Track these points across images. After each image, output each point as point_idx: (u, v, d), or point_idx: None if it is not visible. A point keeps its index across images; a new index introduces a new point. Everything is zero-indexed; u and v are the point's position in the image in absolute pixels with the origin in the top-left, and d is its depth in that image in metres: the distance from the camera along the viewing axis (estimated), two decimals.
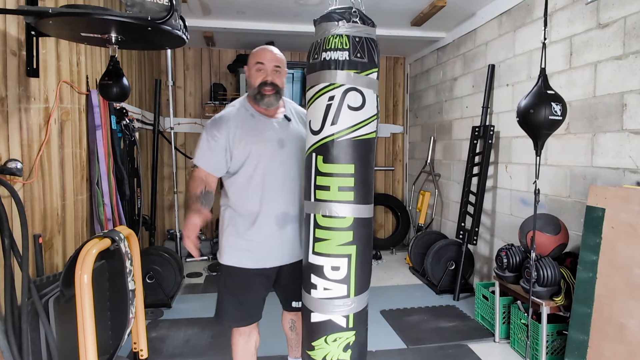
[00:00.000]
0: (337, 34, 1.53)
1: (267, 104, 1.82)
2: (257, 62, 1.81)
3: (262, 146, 1.81)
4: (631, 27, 2.25)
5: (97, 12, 1.53)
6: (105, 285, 1.93)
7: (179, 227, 4.65)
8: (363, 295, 1.61)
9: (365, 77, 1.54)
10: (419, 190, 4.93)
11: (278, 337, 2.79)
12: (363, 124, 1.55)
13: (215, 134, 1.79)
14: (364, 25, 1.55)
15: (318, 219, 1.58)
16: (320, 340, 1.59)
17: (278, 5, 3.57)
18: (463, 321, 3.16)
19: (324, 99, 1.55)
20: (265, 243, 1.86)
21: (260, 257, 1.88)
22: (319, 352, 1.59)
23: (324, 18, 1.58)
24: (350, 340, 1.58)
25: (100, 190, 2.59)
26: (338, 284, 1.56)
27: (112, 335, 1.95)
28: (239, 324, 1.94)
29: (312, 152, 1.60)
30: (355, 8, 1.55)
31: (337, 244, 1.55)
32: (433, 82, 4.76)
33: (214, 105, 4.79)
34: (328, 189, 1.55)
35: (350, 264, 1.56)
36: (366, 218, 1.59)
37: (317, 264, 1.58)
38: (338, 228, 1.55)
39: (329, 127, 1.54)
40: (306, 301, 1.64)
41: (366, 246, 1.60)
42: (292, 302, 2.01)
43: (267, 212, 1.84)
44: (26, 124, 1.88)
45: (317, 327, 1.60)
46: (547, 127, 2.05)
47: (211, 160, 1.81)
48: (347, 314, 1.57)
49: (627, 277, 1.94)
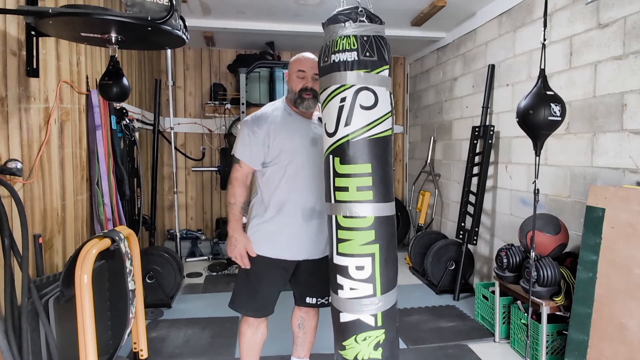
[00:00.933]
0: (344, 35, 1.53)
1: (306, 107, 1.95)
2: (298, 70, 1.94)
3: (297, 142, 1.94)
4: (631, 27, 2.25)
5: (97, 12, 1.53)
6: (105, 285, 1.93)
7: (179, 227, 4.65)
8: (390, 293, 1.61)
9: (376, 75, 1.55)
10: (419, 190, 4.93)
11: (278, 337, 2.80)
12: (377, 123, 1.56)
13: (255, 129, 1.91)
14: (372, 24, 1.55)
15: (339, 220, 1.59)
16: (351, 340, 1.60)
17: (278, 5, 3.57)
18: (463, 321, 3.16)
19: (336, 100, 1.56)
20: (287, 233, 1.95)
21: (281, 246, 1.96)
22: (350, 351, 1.61)
23: (331, 20, 1.58)
24: (380, 338, 1.59)
25: (100, 190, 2.59)
26: (363, 283, 1.57)
27: (112, 335, 1.96)
28: (252, 313, 2.01)
29: (329, 154, 1.61)
30: (362, 7, 1.55)
31: (360, 243, 1.56)
32: (433, 82, 4.76)
33: (214, 105, 4.79)
34: (347, 190, 1.56)
35: (375, 263, 1.57)
36: (387, 216, 1.60)
37: (342, 265, 1.60)
38: (359, 228, 1.56)
39: (343, 128, 1.55)
40: (334, 301, 1.66)
41: (389, 244, 1.60)
42: (306, 298, 2.09)
43: (295, 204, 1.94)
44: (26, 124, 1.88)
45: (347, 327, 1.61)
46: (546, 127, 2.06)
47: (252, 153, 1.92)
48: (375, 313, 1.58)
49: (627, 277, 1.94)
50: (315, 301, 2.09)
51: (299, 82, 1.93)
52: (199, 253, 4.87)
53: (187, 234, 4.88)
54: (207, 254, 4.84)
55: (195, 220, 5.22)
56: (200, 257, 4.81)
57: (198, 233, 4.95)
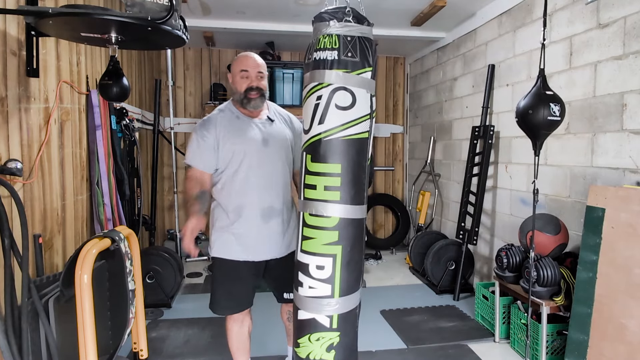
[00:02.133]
0: (327, 34, 1.52)
1: (253, 106, 1.96)
2: (241, 70, 1.96)
3: (247, 145, 1.95)
4: (631, 27, 2.25)
5: (97, 12, 1.53)
6: (105, 285, 1.93)
7: (179, 227, 4.64)
8: (350, 296, 1.59)
9: (357, 76, 1.53)
10: (419, 190, 4.93)
11: (277, 338, 2.80)
12: (352, 124, 1.54)
13: (205, 134, 1.93)
14: (357, 25, 1.55)
15: (306, 218, 1.58)
16: (305, 338, 1.59)
17: (278, 5, 3.57)
18: (463, 321, 3.16)
19: (313, 98, 1.55)
20: (250, 235, 1.98)
21: (247, 248, 1.99)
22: (303, 349, 1.60)
23: (317, 19, 1.58)
24: (334, 341, 1.57)
25: (100, 190, 2.59)
26: (322, 283, 1.56)
27: (112, 335, 1.95)
28: (231, 312, 2.07)
29: (303, 151, 1.61)
30: (349, 7, 1.55)
31: (322, 243, 1.55)
32: (433, 82, 4.76)
33: (214, 105, 4.76)
34: (315, 188, 1.55)
35: (335, 264, 1.55)
36: (355, 219, 1.58)
37: (304, 262, 1.59)
38: (323, 227, 1.54)
39: (317, 126, 1.54)
40: (295, 298, 1.65)
41: (354, 247, 1.58)
42: (283, 294, 2.13)
43: (252, 206, 1.97)
44: (26, 124, 1.88)
45: (303, 325, 1.60)
46: (545, 127, 2.06)
47: (202, 158, 1.95)
48: (331, 314, 1.56)
49: (627, 277, 1.94)
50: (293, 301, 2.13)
51: (244, 82, 1.94)
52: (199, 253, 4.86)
53: None
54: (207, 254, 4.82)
55: None
56: (200, 257, 4.80)
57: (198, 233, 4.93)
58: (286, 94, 4.58)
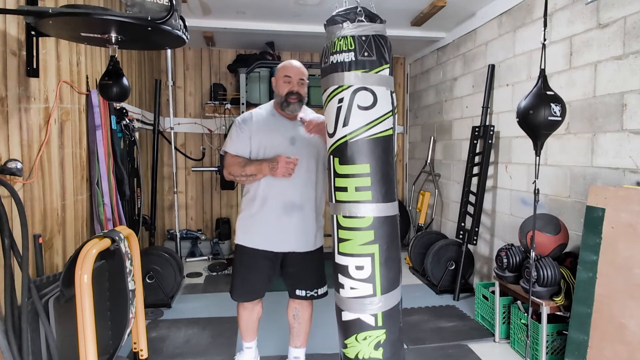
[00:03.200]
0: (342, 36, 1.54)
1: (291, 110, 2.11)
2: (285, 75, 2.10)
3: (276, 140, 2.10)
4: (631, 27, 2.25)
5: (97, 12, 1.53)
6: (105, 285, 1.93)
7: (179, 227, 4.65)
8: (392, 293, 1.61)
9: (375, 74, 1.54)
10: (419, 190, 4.93)
11: (278, 337, 2.80)
12: (376, 122, 1.55)
13: (243, 127, 2.13)
14: (371, 23, 1.55)
15: (339, 220, 1.60)
16: (352, 339, 1.61)
17: (278, 5, 3.57)
18: (463, 321, 3.16)
19: (335, 101, 1.56)
20: (271, 225, 2.11)
21: (266, 238, 2.12)
22: (351, 349, 1.62)
23: (330, 22, 1.59)
24: (380, 338, 1.59)
25: (100, 190, 2.59)
26: (363, 283, 1.58)
27: (112, 335, 1.95)
28: (244, 298, 2.22)
29: (330, 154, 1.63)
30: (361, 7, 1.55)
31: (359, 243, 1.57)
32: (433, 82, 4.76)
33: (214, 105, 4.78)
34: (346, 190, 1.57)
35: (374, 263, 1.57)
36: (388, 216, 1.59)
37: (343, 264, 1.61)
38: (358, 228, 1.56)
39: (341, 128, 1.56)
40: (337, 300, 1.68)
41: (390, 244, 1.60)
42: (296, 290, 2.22)
43: (276, 198, 2.09)
44: (26, 124, 1.88)
45: (348, 326, 1.62)
46: (546, 127, 2.06)
47: (238, 146, 2.12)
48: (376, 313, 1.58)
49: (627, 277, 1.94)
50: (305, 293, 2.21)
51: (286, 86, 2.09)
52: (199, 253, 4.87)
53: (187, 234, 4.88)
54: (207, 254, 4.84)
55: (195, 220, 5.22)
56: (200, 257, 4.81)
57: (198, 233, 4.95)
58: None
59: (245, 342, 2.35)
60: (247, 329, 2.29)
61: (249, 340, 2.33)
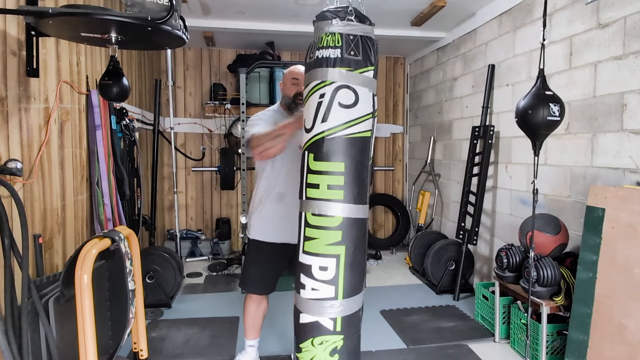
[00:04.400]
0: (330, 32, 1.52)
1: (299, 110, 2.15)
2: (293, 78, 2.21)
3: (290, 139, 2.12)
4: (631, 27, 2.25)
5: (97, 12, 1.53)
6: (105, 285, 1.93)
7: (179, 227, 4.65)
8: (354, 298, 1.57)
9: (359, 74, 1.53)
10: (419, 190, 4.93)
11: (278, 337, 2.80)
12: (355, 122, 1.53)
13: (263, 117, 2.24)
14: (360, 24, 1.54)
15: (308, 218, 1.56)
16: (307, 343, 1.55)
17: (278, 5, 3.57)
18: (463, 321, 3.16)
19: (316, 96, 1.54)
20: (289, 220, 2.12)
21: (284, 232, 2.18)
22: (305, 354, 1.56)
23: (319, 17, 1.57)
24: (337, 344, 1.54)
25: (100, 190, 2.59)
26: (326, 284, 1.53)
27: (112, 335, 1.95)
28: (256, 291, 2.29)
29: (305, 149, 1.59)
30: (352, 7, 1.55)
31: (325, 243, 1.52)
32: (433, 82, 4.76)
33: (214, 105, 4.78)
34: (317, 187, 1.53)
35: (339, 265, 1.52)
36: (358, 218, 1.56)
37: (306, 264, 1.55)
38: (326, 227, 1.52)
39: (320, 124, 1.52)
40: (296, 301, 1.62)
41: (357, 247, 1.56)
42: None
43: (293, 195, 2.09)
44: (26, 124, 1.88)
45: (305, 329, 1.57)
46: (545, 127, 2.06)
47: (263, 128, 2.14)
48: (335, 317, 1.53)
49: (627, 277, 1.94)
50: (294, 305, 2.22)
51: (293, 88, 2.20)
52: (199, 253, 4.87)
53: (187, 234, 4.88)
54: (207, 254, 4.84)
55: (195, 220, 5.22)
56: (200, 257, 4.81)
57: (198, 233, 4.95)
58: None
59: (248, 340, 2.37)
60: (253, 324, 2.34)
61: (252, 337, 2.37)
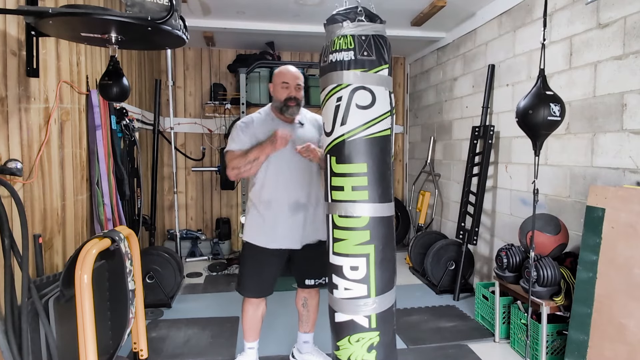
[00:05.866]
0: (341, 35, 1.53)
1: (290, 113, 2.19)
2: (283, 82, 2.16)
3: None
4: (631, 27, 2.25)
5: (97, 12, 1.53)
6: (105, 285, 1.93)
7: (179, 227, 4.65)
8: (386, 295, 1.60)
9: (374, 74, 1.54)
10: (419, 190, 4.93)
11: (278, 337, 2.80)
12: (374, 122, 1.55)
13: (245, 129, 2.20)
14: (371, 23, 1.55)
15: (335, 220, 1.59)
16: (344, 341, 1.59)
17: (278, 5, 3.57)
18: (463, 321, 3.16)
19: (333, 100, 1.56)
20: (278, 226, 2.18)
21: (274, 238, 2.19)
22: (343, 352, 1.60)
23: (330, 21, 1.59)
24: (374, 340, 1.58)
25: (100, 190, 2.59)
26: (358, 283, 1.56)
27: (112, 335, 1.95)
28: (253, 295, 2.27)
29: (326, 153, 1.62)
30: (361, 7, 1.55)
31: (354, 243, 1.56)
32: (433, 82, 4.76)
33: (214, 105, 4.78)
34: (342, 189, 1.56)
35: (369, 264, 1.55)
36: (384, 217, 1.58)
37: (337, 264, 1.59)
38: (354, 228, 1.56)
39: (339, 127, 1.55)
40: (330, 301, 1.66)
41: (386, 245, 1.59)
42: (305, 280, 2.34)
43: (281, 200, 2.18)
44: (26, 124, 1.88)
45: (341, 327, 1.61)
46: (545, 127, 2.06)
47: (240, 145, 2.17)
48: (369, 314, 1.56)
49: (627, 277, 1.94)
50: (314, 282, 2.33)
51: (284, 92, 2.15)
52: (199, 253, 4.87)
53: (187, 234, 4.88)
54: (207, 254, 4.83)
55: (195, 220, 5.22)
56: (200, 257, 4.81)
57: (198, 233, 4.95)
58: None
59: (247, 342, 2.36)
60: (252, 327, 2.32)
61: (251, 339, 2.35)
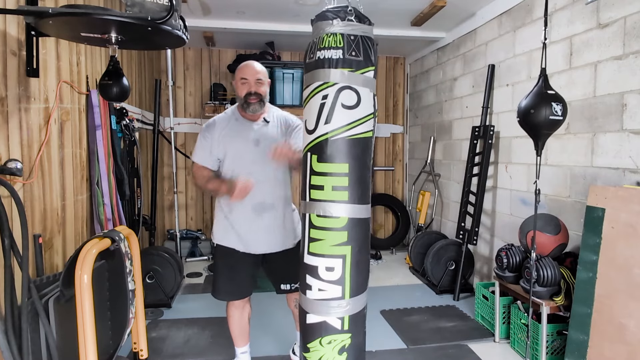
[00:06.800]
0: (331, 33, 1.52)
1: (252, 110, 2.11)
2: (241, 78, 2.11)
3: (240, 143, 2.12)
4: (631, 27, 2.25)
5: (97, 12, 1.53)
6: (105, 285, 1.93)
7: (179, 227, 4.65)
8: (359, 297, 1.59)
9: (361, 75, 1.53)
10: (419, 190, 4.93)
11: (278, 337, 2.80)
12: (358, 123, 1.54)
13: (206, 135, 2.17)
14: (360, 24, 1.54)
15: (312, 219, 1.57)
16: (315, 342, 1.57)
17: (278, 5, 3.57)
18: (463, 321, 3.15)
19: (318, 97, 1.54)
20: (244, 228, 2.13)
21: (242, 240, 2.14)
22: (313, 354, 1.57)
23: (319, 17, 1.57)
24: (345, 343, 1.56)
25: (100, 190, 2.59)
26: (332, 285, 1.54)
27: (112, 335, 1.95)
28: (231, 297, 2.22)
29: (307, 151, 1.59)
30: (351, 7, 1.55)
31: (331, 244, 1.54)
32: (433, 82, 4.76)
33: (214, 105, 4.78)
34: (322, 189, 1.54)
35: (345, 265, 1.54)
36: (362, 218, 1.57)
37: (312, 265, 1.57)
38: (332, 228, 1.53)
39: (323, 125, 1.53)
40: (302, 302, 1.63)
41: (362, 247, 1.58)
42: (280, 285, 2.27)
43: (244, 201, 2.08)
44: (26, 124, 1.88)
45: (312, 329, 1.58)
46: (547, 127, 2.05)
47: (201, 155, 2.17)
48: (342, 316, 1.55)
49: (627, 277, 1.94)
50: (290, 287, 2.26)
51: (244, 88, 2.10)
52: (199, 253, 4.87)
53: (187, 234, 4.88)
54: (207, 254, 4.83)
55: (195, 220, 5.22)
56: (200, 257, 4.81)
57: (198, 233, 4.95)
58: (286, 94, 4.58)
59: (238, 348, 2.32)
60: (240, 331, 2.28)
61: (242, 344, 2.31)
